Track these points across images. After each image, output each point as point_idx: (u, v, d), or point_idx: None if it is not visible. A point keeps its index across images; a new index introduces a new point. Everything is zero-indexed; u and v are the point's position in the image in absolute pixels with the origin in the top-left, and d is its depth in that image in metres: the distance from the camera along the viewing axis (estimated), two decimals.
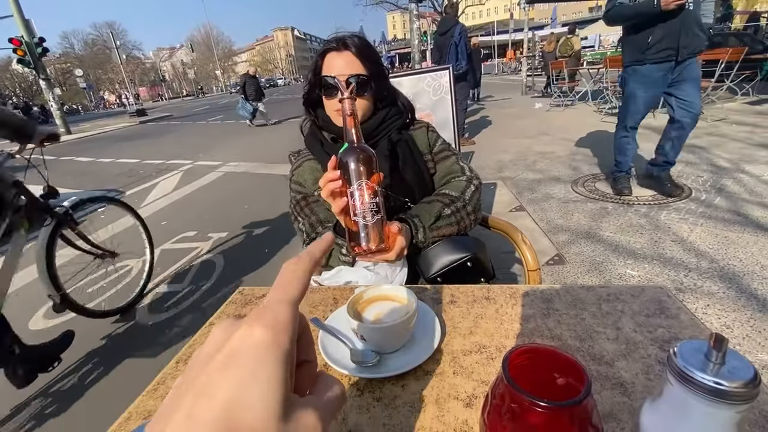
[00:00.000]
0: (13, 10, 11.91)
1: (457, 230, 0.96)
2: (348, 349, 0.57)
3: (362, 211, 0.63)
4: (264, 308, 0.22)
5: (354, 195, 0.63)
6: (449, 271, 0.88)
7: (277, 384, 0.19)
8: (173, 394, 0.20)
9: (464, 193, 0.99)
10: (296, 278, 0.24)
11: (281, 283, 0.24)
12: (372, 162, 0.64)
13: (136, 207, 3.22)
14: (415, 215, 0.92)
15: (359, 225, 0.63)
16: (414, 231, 0.89)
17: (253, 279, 2.65)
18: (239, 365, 0.20)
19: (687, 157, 3.99)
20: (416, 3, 7.56)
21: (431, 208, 0.94)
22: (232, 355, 0.20)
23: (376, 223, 0.63)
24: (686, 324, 0.57)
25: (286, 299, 0.23)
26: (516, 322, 0.62)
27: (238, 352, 0.20)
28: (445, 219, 0.94)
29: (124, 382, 1.83)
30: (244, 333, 0.21)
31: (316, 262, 0.26)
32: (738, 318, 1.74)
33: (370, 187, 0.63)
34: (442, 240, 0.93)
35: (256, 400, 0.19)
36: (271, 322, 0.21)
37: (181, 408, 0.19)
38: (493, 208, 3.26)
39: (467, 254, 0.89)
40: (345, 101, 0.66)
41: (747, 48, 6.06)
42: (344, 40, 0.96)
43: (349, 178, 0.64)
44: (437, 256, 0.90)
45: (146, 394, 0.56)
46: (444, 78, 2.06)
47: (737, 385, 0.27)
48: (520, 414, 0.31)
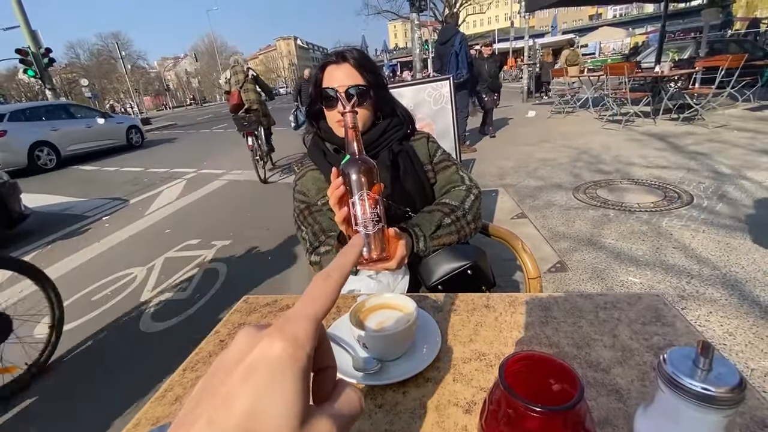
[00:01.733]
0: (20, 21, 12.09)
1: (457, 239, 0.97)
2: (350, 356, 0.58)
3: (363, 220, 0.65)
4: (287, 321, 0.23)
5: (355, 205, 0.65)
6: (450, 279, 0.89)
7: (293, 397, 0.21)
8: (196, 398, 0.22)
9: (464, 202, 1.00)
10: (325, 293, 0.25)
11: (310, 297, 0.24)
12: (373, 173, 0.67)
13: (140, 215, 3.23)
14: (416, 224, 0.93)
15: (361, 234, 0.65)
16: (414, 240, 0.90)
17: (257, 287, 2.67)
18: (258, 378, 0.21)
19: (689, 163, 4.00)
20: (417, 12, 7.65)
21: (432, 217, 0.95)
22: (252, 367, 0.21)
23: (377, 232, 0.65)
24: (682, 331, 0.58)
25: (310, 314, 0.23)
26: (515, 330, 0.63)
27: (258, 364, 0.21)
28: (446, 228, 0.95)
29: (132, 390, 1.84)
30: (265, 345, 0.22)
31: (346, 275, 0.27)
32: (740, 325, 1.74)
33: (371, 198, 0.65)
34: (442, 248, 0.94)
35: (274, 413, 0.20)
36: (291, 336, 0.22)
37: (203, 414, 0.20)
38: (495, 215, 3.27)
39: (467, 262, 0.91)
40: (347, 115, 0.68)
41: (747, 54, 6.09)
42: (342, 53, 0.99)
43: (351, 188, 0.66)
44: (438, 264, 0.91)
45: (154, 400, 0.57)
46: (444, 88, 2.08)
47: (724, 391, 0.28)
48: (516, 419, 0.32)
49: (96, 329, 2.38)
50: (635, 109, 6.13)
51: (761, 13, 21.15)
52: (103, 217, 4.70)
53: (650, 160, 4.28)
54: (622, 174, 3.90)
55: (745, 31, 14.44)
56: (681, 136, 5.20)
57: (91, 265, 3.36)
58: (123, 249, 3.67)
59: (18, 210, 4.08)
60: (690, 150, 4.49)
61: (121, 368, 2.02)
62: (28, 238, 4.11)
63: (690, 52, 9.63)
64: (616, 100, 6.73)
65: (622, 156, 4.53)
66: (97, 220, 4.60)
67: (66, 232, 4.25)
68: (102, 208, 5.06)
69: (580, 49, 9.71)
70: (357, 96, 0.97)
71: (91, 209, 5.07)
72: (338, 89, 0.96)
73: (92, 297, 2.76)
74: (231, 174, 6.27)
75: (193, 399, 0.22)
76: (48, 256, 3.64)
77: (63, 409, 1.80)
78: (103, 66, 48.97)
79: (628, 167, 4.09)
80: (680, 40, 13.59)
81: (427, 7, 10.86)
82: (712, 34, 10.77)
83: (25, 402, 1.85)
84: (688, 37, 15.96)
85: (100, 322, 2.46)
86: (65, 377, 2.00)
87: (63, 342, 2.07)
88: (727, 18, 13.91)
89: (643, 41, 20.83)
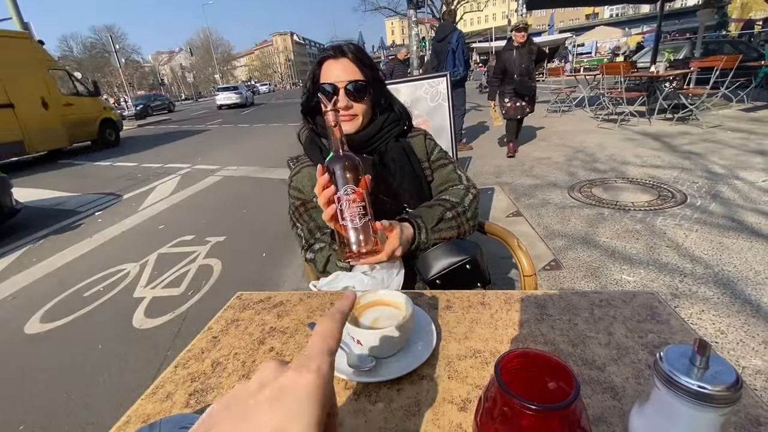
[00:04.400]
0: (11, 13, 11.91)
1: (456, 234, 0.97)
2: (345, 353, 0.58)
3: (350, 215, 0.66)
4: (309, 357, 0.25)
5: (341, 200, 0.67)
6: (448, 273, 0.89)
7: (316, 424, 0.23)
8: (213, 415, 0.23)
9: (463, 200, 1.00)
10: (333, 334, 0.28)
11: (322, 334, 0.27)
12: (357, 169, 0.68)
13: (133, 211, 3.18)
14: (418, 216, 0.93)
15: (348, 229, 0.67)
16: (417, 231, 0.90)
17: (251, 283, 2.65)
18: (288, 402, 0.23)
19: (683, 163, 4.03)
20: (415, 9, 7.63)
21: (433, 211, 0.95)
22: (282, 391, 0.23)
23: (363, 226, 0.67)
24: (676, 329, 0.58)
25: (327, 350, 0.26)
26: (510, 327, 0.63)
27: (288, 390, 0.23)
28: (447, 222, 0.95)
29: (123, 386, 1.83)
30: (295, 375, 0.24)
31: (346, 317, 0.31)
32: (732, 323, 1.75)
33: (357, 193, 0.67)
34: (441, 243, 0.94)
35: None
36: (316, 369, 0.25)
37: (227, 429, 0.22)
38: (490, 213, 3.27)
39: (466, 257, 0.90)
40: (329, 113, 0.70)
41: (742, 55, 6.14)
42: (341, 47, 0.98)
43: (336, 184, 0.67)
44: (436, 259, 0.91)
45: (145, 397, 0.57)
46: (441, 85, 2.08)
47: (720, 389, 0.28)
48: (511, 417, 0.32)
49: (88, 325, 2.36)
50: (630, 108, 6.16)
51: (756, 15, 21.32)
52: (96, 212, 4.65)
53: (645, 159, 4.30)
54: (617, 173, 3.92)
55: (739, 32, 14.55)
56: (675, 135, 5.23)
57: (84, 260, 3.32)
58: (116, 244, 3.64)
59: (8, 204, 4.02)
60: (684, 150, 4.52)
61: (112, 365, 2.00)
62: (19, 233, 4.05)
63: (685, 52, 9.70)
64: (612, 100, 6.76)
65: (617, 155, 4.55)
66: (90, 216, 4.55)
67: (58, 227, 4.20)
68: (95, 204, 5.01)
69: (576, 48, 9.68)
70: (356, 91, 0.96)
71: (84, 204, 5.02)
72: (338, 84, 0.95)
73: (84, 293, 2.73)
74: (226, 170, 6.23)
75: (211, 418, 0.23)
76: (40, 251, 3.59)
77: (52, 404, 1.78)
78: (97, 59, 48.41)
79: (623, 166, 4.11)
80: (676, 41, 13.68)
81: (425, 4, 10.83)
82: (707, 34, 10.84)
83: (18, 399, 1.83)
84: (683, 37, 16.06)
85: (92, 318, 2.44)
86: (58, 372, 1.98)
87: (56, 338, 2.04)
88: (722, 19, 14.01)
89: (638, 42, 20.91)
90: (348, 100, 0.96)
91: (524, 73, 4.64)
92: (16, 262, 3.39)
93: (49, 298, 2.71)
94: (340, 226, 0.68)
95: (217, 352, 0.65)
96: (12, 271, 3.21)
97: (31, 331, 2.36)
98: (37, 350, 2.18)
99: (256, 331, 0.69)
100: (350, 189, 0.66)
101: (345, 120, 0.98)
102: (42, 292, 2.82)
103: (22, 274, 3.14)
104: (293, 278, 2.66)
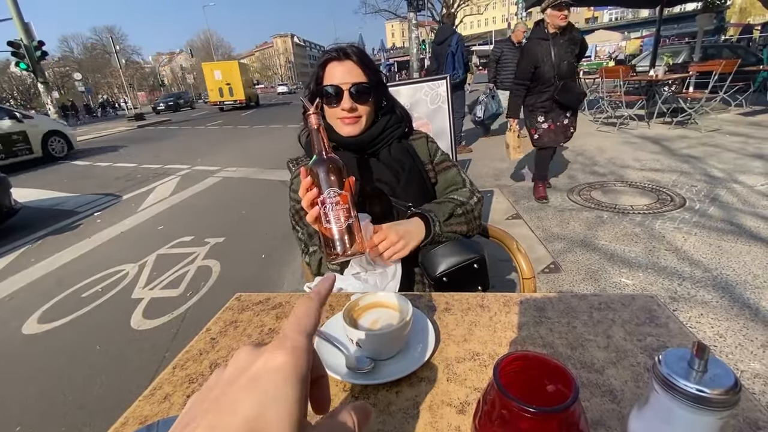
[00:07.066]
0: (12, 13, 11.93)
1: (467, 230, 0.98)
2: (343, 355, 0.58)
3: (334, 217, 0.67)
4: (283, 337, 0.25)
5: (325, 203, 0.67)
6: (455, 271, 0.89)
7: (294, 404, 0.22)
8: (191, 410, 0.23)
9: (470, 200, 1.02)
10: (309, 314, 0.27)
11: (296, 316, 0.27)
12: (341, 171, 0.69)
13: (132, 211, 3.18)
14: (430, 210, 0.95)
15: (332, 231, 0.67)
16: (431, 224, 0.91)
17: (249, 285, 2.65)
18: (262, 386, 0.22)
19: (681, 166, 4.04)
20: (415, 12, 7.65)
21: (443, 207, 0.97)
22: (256, 378, 0.22)
23: (347, 228, 0.67)
24: (675, 332, 0.58)
25: (302, 330, 0.26)
26: (509, 329, 0.63)
27: (261, 374, 0.23)
28: (458, 218, 0.97)
29: (121, 387, 1.82)
30: (267, 358, 0.23)
31: (324, 299, 0.30)
32: (731, 327, 1.75)
33: (341, 195, 0.67)
34: (448, 242, 0.94)
35: (276, 417, 0.21)
36: (290, 349, 0.24)
37: (203, 422, 0.21)
38: (490, 215, 3.28)
39: (475, 255, 0.91)
40: (311, 116, 0.70)
41: (740, 60, 6.16)
42: (345, 49, 0.98)
43: (320, 187, 0.68)
44: (445, 256, 0.91)
45: (143, 399, 0.56)
46: (441, 87, 2.08)
47: (719, 392, 0.28)
48: (510, 419, 0.32)
49: (86, 326, 2.35)
50: (630, 112, 6.18)
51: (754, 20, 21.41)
52: (95, 212, 4.65)
53: (644, 162, 4.31)
54: (617, 176, 3.93)
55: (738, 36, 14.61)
56: (674, 139, 5.24)
57: (82, 261, 3.32)
58: (115, 245, 3.63)
59: (7, 204, 4.01)
60: (683, 153, 4.53)
61: (110, 366, 1.99)
62: (18, 233, 4.05)
63: (684, 56, 9.72)
64: (611, 103, 6.77)
65: (617, 158, 4.56)
66: (89, 216, 4.54)
67: (57, 228, 4.19)
68: (94, 204, 5.00)
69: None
70: (361, 93, 0.96)
71: (83, 205, 5.01)
72: (342, 86, 0.96)
73: (83, 293, 2.72)
74: (225, 171, 6.23)
75: (188, 412, 0.23)
76: (38, 251, 3.59)
77: (50, 405, 1.78)
78: (97, 60, 48.40)
79: (622, 170, 4.12)
80: (675, 45, 13.73)
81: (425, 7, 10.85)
82: (706, 39, 10.88)
83: (15, 401, 1.83)
84: (682, 41, 16.12)
85: (90, 318, 2.43)
86: (56, 374, 1.97)
87: (54, 339, 2.04)
88: (721, 24, 14.07)
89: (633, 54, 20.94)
90: (352, 102, 0.96)
91: (567, 75, 3.02)
92: (15, 262, 3.38)
93: (47, 298, 2.70)
94: (324, 229, 0.68)
95: (215, 353, 0.65)
96: (10, 272, 3.20)
97: (29, 331, 2.35)
98: (34, 351, 2.18)
99: (254, 333, 0.69)
100: (333, 192, 0.67)
101: (349, 122, 0.98)
102: (40, 292, 2.82)
103: (20, 275, 3.13)
104: (292, 280, 2.66)
